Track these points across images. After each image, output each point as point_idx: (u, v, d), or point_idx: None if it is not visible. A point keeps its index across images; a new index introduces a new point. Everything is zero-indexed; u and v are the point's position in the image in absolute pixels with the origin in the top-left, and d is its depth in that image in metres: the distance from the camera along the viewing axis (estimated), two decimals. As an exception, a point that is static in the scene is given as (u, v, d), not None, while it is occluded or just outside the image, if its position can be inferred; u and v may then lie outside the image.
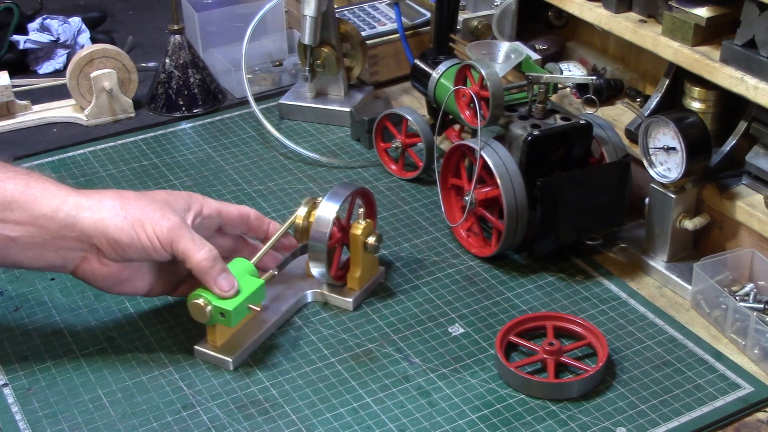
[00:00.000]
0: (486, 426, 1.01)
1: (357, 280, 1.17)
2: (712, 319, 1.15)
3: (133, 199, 1.05)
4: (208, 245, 1.06)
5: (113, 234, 1.03)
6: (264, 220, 1.17)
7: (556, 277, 1.22)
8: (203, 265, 1.05)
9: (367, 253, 1.16)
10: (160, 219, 1.04)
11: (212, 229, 1.13)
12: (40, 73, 1.74)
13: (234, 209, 1.15)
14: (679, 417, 1.02)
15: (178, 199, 1.10)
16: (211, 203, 1.13)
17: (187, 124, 1.57)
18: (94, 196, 1.04)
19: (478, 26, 1.54)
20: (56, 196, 1.03)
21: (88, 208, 1.03)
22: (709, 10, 1.20)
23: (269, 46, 1.71)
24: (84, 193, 1.05)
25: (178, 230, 1.04)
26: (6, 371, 1.08)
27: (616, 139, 1.25)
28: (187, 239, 1.05)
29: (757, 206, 1.18)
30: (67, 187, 1.05)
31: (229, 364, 1.08)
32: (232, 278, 1.06)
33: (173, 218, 1.05)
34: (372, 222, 1.17)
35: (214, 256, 1.05)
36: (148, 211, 1.04)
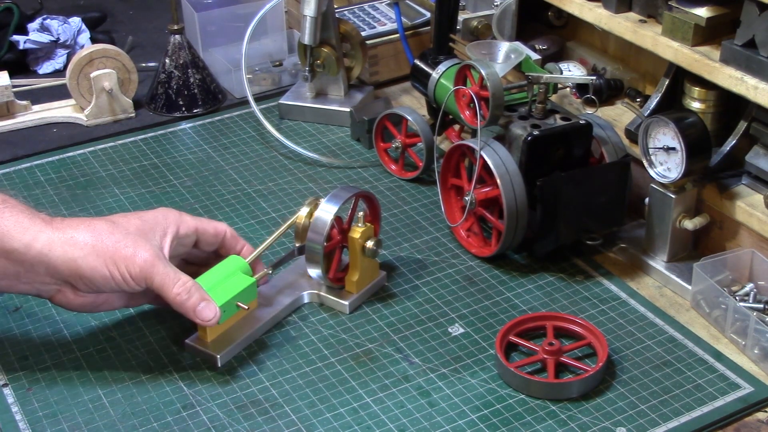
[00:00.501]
0: (486, 426, 1.01)
1: (355, 284, 1.16)
2: (712, 319, 1.15)
3: (106, 233, 1.04)
4: (183, 278, 1.05)
5: (86, 274, 1.03)
6: (239, 241, 1.15)
7: (556, 277, 1.22)
8: (179, 299, 1.05)
9: (365, 257, 1.15)
10: (133, 256, 1.03)
11: (189, 246, 1.13)
12: (40, 73, 1.74)
13: (210, 228, 1.13)
14: (679, 417, 1.02)
15: (154, 225, 1.08)
16: (187, 222, 1.11)
17: (187, 124, 1.57)
18: (67, 231, 1.03)
19: (478, 26, 1.54)
20: (29, 230, 1.02)
21: (60, 246, 1.02)
22: (709, 10, 1.20)
23: (269, 46, 1.71)
24: (57, 226, 1.03)
25: (152, 267, 1.04)
26: (6, 371, 1.08)
27: (616, 139, 1.25)
28: (161, 275, 1.04)
29: (757, 206, 1.18)
30: (40, 218, 1.04)
31: (217, 360, 1.08)
32: (212, 305, 1.06)
33: (146, 254, 1.04)
34: (372, 226, 1.16)
35: (188, 288, 1.05)
36: (121, 247, 1.03)
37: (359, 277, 1.16)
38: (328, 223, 1.12)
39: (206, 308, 1.05)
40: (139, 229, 1.06)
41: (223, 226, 1.15)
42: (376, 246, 1.15)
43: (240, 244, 1.15)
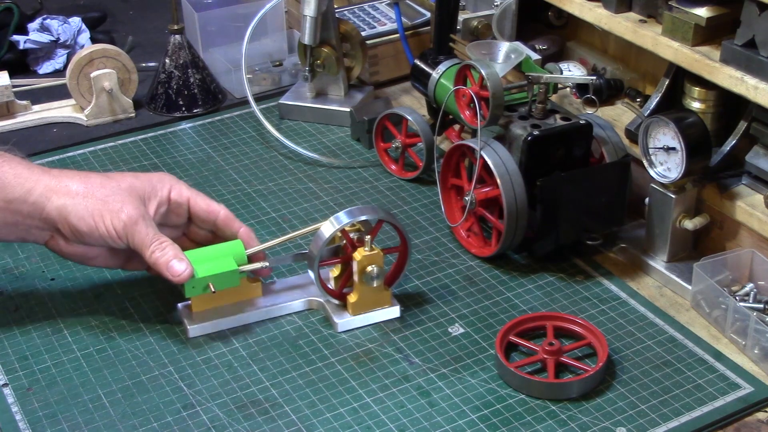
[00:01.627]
0: (486, 426, 1.01)
1: (352, 306, 1.14)
2: (712, 319, 1.15)
3: (98, 185, 1.09)
4: (161, 238, 1.09)
5: (73, 222, 1.08)
6: (234, 223, 1.16)
7: (556, 277, 1.22)
8: (154, 257, 1.08)
9: (363, 282, 1.12)
10: (119, 211, 1.08)
11: (182, 217, 1.15)
12: (40, 73, 1.74)
13: (203, 203, 1.15)
14: (679, 417, 1.02)
15: (146, 183, 1.12)
16: (181, 189, 1.14)
17: (187, 124, 1.57)
18: (63, 180, 1.09)
19: (478, 26, 1.54)
20: (28, 180, 1.08)
21: (56, 193, 1.08)
22: (709, 10, 1.20)
23: (269, 46, 1.71)
24: (54, 175, 1.09)
25: (134, 225, 1.08)
26: (6, 371, 1.08)
27: (616, 139, 1.25)
28: (141, 233, 1.08)
29: (757, 206, 1.18)
30: (37, 168, 1.10)
31: (188, 331, 1.12)
32: (184, 263, 1.08)
33: (132, 211, 1.08)
34: (380, 253, 1.11)
35: (163, 247, 1.08)
36: (110, 201, 1.08)
37: (357, 300, 1.13)
38: (326, 237, 1.10)
39: (177, 264, 1.08)
40: (131, 186, 1.11)
41: (218, 207, 1.16)
42: (375, 274, 1.11)
43: (236, 226, 1.16)
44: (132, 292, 1.20)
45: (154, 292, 1.19)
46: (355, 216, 1.11)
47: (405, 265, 1.16)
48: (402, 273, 1.16)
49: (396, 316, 1.15)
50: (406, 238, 1.14)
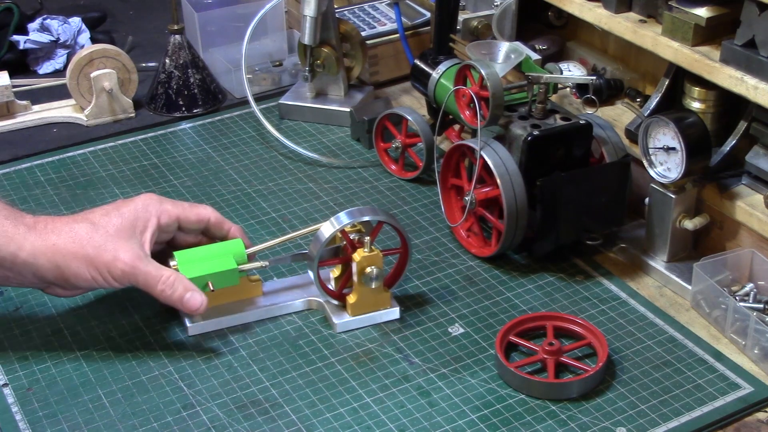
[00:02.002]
0: (486, 426, 1.01)
1: (351, 307, 1.13)
2: (712, 319, 1.15)
3: (86, 238, 1.07)
4: (165, 273, 1.09)
5: (70, 279, 1.08)
6: (224, 224, 1.17)
7: (556, 277, 1.22)
8: (165, 295, 1.09)
9: (362, 283, 1.12)
10: (114, 260, 1.07)
11: (172, 233, 1.15)
12: (40, 73, 1.74)
13: (192, 215, 1.15)
14: (679, 417, 1.02)
15: (134, 221, 1.11)
16: (169, 211, 1.13)
17: (187, 124, 1.57)
18: (49, 238, 1.07)
19: (478, 26, 1.54)
20: (13, 240, 1.06)
21: (43, 254, 1.06)
22: (709, 10, 1.20)
23: (269, 46, 1.71)
24: (40, 231, 1.07)
25: (133, 270, 1.08)
26: (6, 371, 1.08)
27: (616, 139, 1.25)
28: (143, 275, 1.08)
29: (757, 206, 1.18)
30: (23, 224, 1.07)
31: (188, 329, 1.13)
32: (197, 295, 1.09)
33: (126, 257, 1.07)
34: (380, 254, 1.11)
35: (171, 283, 1.08)
36: (101, 252, 1.07)
37: (357, 301, 1.13)
38: (326, 238, 1.10)
39: (192, 299, 1.09)
40: (119, 228, 1.10)
41: (207, 211, 1.16)
42: (374, 275, 1.11)
43: (226, 227, 1.16)
44: (132, 292, 1.19)
45: (154, 292, 1.19)
46: (355, 217, 1.11)
47: (405, 267, 1.16)
48: (402, 275, 1.16)
49: (395, 317, 1.15)
50: (407, 239, 1.14)
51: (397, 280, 1.16)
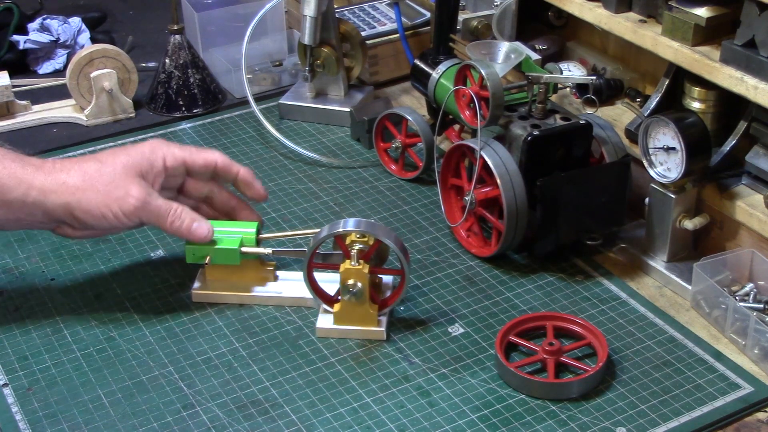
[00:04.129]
0: (486, 426, 1.01)
1: (335, 315, 1.12)
2: (712, 319, 1.15)
3: (95, 175, 1.09)
4: (173, 206, 1.11)
5: (80, 216, 1.09)
6: (232, 167, 1.18)
7: (556, 277, 1.22)
8: (174, 227, 1.11)
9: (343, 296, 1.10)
10: (125, 196, 1.09)
11: (180, 177, 1.17)
12: (40, 73, 1.74)
13: (199, 159, 1.17)
14: (679, 417, 1.02)
15: (141, 160, 1.12)
16: (175, 153, 1.15)
17: (187, 124, 1.57)
18: (58, 176, 1.09)
19: (478, 26, 1.54)
20: (22, 181, 1.08)
21: (53, 192, 1.08)
22: (709, 10, 1.20)
23: (269, 46, 1.71)
24: (48, 170, 1.09)
25: (144, 205, 1.10)
26: (6, 371, 1.08)
27: (616, 139, 1.25)
28: (154, 210, 1.10)
29: (757, 206, 1.18)
30: (30, 165, 1.09)
31: (192, 294, 1.17)
32: (203, 224, 1.13)
33: (137, 192, 1.09)
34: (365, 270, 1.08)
35: (179, 214, 1.11)
36: (112, 189, 1.09)
37: (339, 311, 1.12)
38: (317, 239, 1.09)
39: (199, 228, 1.12)
40: (126, 166, 1.11)
41: (214, 156, 1.18)
42: (352, 290, 1.09)
43: (234, 169, 1.18)
44: (132, 292, 1.20)
45: (154, 292, 1.19)
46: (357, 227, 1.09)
47: (401, 293, 1.12)
48: (396, 301, 1.13)
49: (381, 339, 1.12)
50: (405, 269, 1.10)
51: (389, 304, 1.13)
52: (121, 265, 1.24)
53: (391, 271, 1.14)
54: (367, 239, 1.10)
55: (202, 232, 1.12)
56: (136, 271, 1.23)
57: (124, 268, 1.24)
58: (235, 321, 1.15)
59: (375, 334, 1.12)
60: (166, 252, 1.26)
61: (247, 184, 1.19)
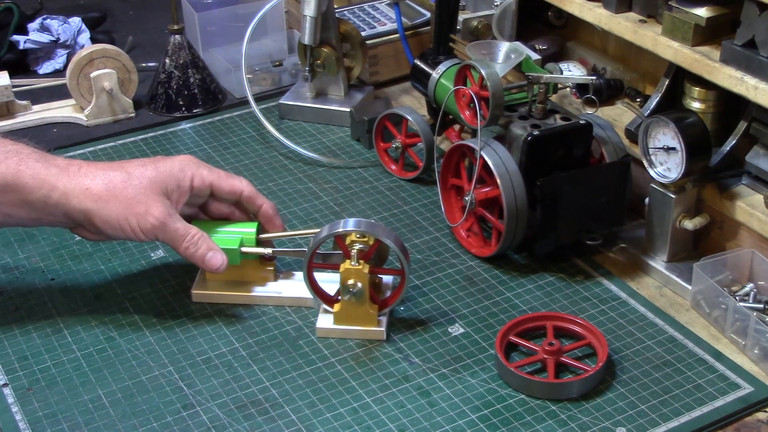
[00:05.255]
0: (486, 426, 1.01)
1: (335, 315, 1.12)
2: (712, 319, 1.15)
3: (120, 185, 1.09)
4: (191, 231, 1.11)
5: (98, 225, 1.09)
6: (257, 199, 1.18)
7: (556, 277, 1.22)
8: (188, 252, 1.11)
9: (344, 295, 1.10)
10: (145, 213, 1.09)
11: (204, 197, 1.17)
12: (40, 73, 1.74)
13: (226, 185, 1.16)
14: (679, 417, 1.02)
15: (167, 177, 1.12)
16: (204, 175, 1.15)
17: (187, 124, 1.57)
18: (81, 180, 1.09)
19: (478, 26, 1.54)
20: (45, 182, 1.08)
21: (76, 197, 1.08)
22: (709, 10, 1.20)
23: (269, 46, 1.71)
24: (72, 174, 1.09)
25: (162, 225, 1.10)
26: (6, 371, 1.08)
27: (616, 139, 1.25)
28: (171, 232, 1.10)
29: (757, 206, 1.18)
30: (54, 166, 1.09)
31: (192, 295, 1.17)
32: (218, 255, 1.13)
33: (158, 212, 1.09)
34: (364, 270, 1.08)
35: (196, 241, 1.11)
36: (134, 203, 1.09)
37: (339, 311, 1.12)
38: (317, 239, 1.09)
39: (213, 258, 1.12)
40: (152, 182, 1.11)
41: (242, 184, 1.17)
42: (352, 290, 1.09)
43: (258, 202, 1.18)
44: (132, 292, 1.20)
45: (154, 292, 1.20)
46: (357, 227, 1.09)
47: (401, 294, 1.12)
48: (396, 301, 1.13)
49: (381, 339, 1.12)
50: (405, 269, 1.10)
51: (389, 305, 1.13)
52: (121, 265, 1.24)
53: (391, 271, 1.15)
54: (367, 239, 1.10)
55: (215, 263, 1.12)
56: (136, 271, 1.23)
57: (124, 268, 1.24)
58: (235, 321, 1.15)
59: (375, 334, 1.12)
60: (166, 252, 1.26)
61: (268, 218, 1.18)
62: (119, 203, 1.08)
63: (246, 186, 1.17)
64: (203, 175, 1.14)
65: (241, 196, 1.17)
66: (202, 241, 1.11)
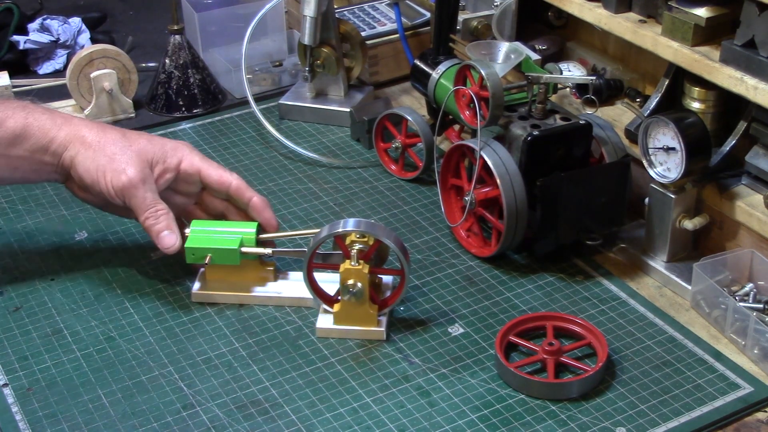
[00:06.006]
0: (486, 426, 1.01)
1: (334, 315, 1.12)
2: (712, 319, 1.15)
3: (110, 141, 1.13)
4: (158, 205, 1.12)
5: (80, 172, 1.13)
6: (246, 192, 1.18)
7: (556, 277, 1.22)
8: (147, 223, 1.12)
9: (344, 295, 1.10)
10: (121, 171, 1.11)
11: (195, 186, 1.18)
12: (40, 73, 1.74)
13: (215, 174, 1.17)
14: (679, 417, 1.02)
15: (157, 148, 1.15)
16: (193, 160, 1.16)
17: (187, 124, 1.57)
18: (81, 129, 1.14)
19: (478, 26, 1.54)
20: (50, 130, 1.13)
21: (72, 142, 1.13)
22: (708, 10, 1.20)
23: (269, 46, 1.71)
24: (75, 124, 1.14)
25: (132, 188, 1.11)
26: (6, 371, 1.08)
27: (616, 139, 1.25)
28: (139, 198, 1.11)
29: (757, 206, 1.18)
30: (60, 117, 1.15)
31: (192, 295, 1.17)
32: (174, 236, 1.12)
33: (134, 174, 1.11)
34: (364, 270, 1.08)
35: (158, 215, 1.12)
36: (116, 159, 1.12)
37: (339, 311, 1.12)
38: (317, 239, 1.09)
39: (168, 236, 1.12)
40: (142, 149, 1.14)
41: (230, 177, 1.18)
42: (352, 290, 1.09)
43: (247, 196, 1.18)
44: (132, 292, 1.20)
45: (154, 292, 1.20)
46: (357, 227, 1.09)
47: (401, 294, 1.12)
48: (396, 301, 1.13)
49: (381, 339, 1.12)
50: (405, 269, 1.10)
51: (389, 305, 1.13)
52: (121, 265, 1.24)
53: (391, 271, 1.15)
54: (367, 239, 1.10)
55: (167, 242, 1.12)
56: (136, 271, 1.23)
57: (124, 268, 1.24)
58: (235, 321, 1.15)
59: (375, 334, 1.12)
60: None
61: (258, 211, 1.18)
62: (103, 155, 1.12)
63: (235, 179, 1.18)
64: (193, 160, 1.16)
65: (229, 188, 1.17)
66: (164, 218, 1.12)
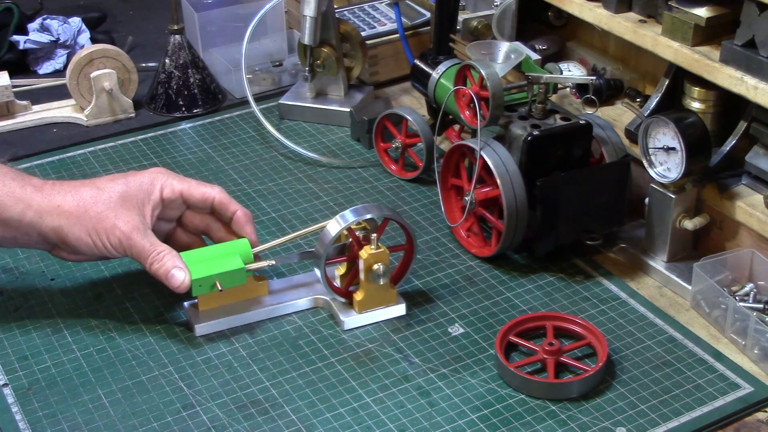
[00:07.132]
0: (486, 426, 1.01)
1: (358, 304, 1.14)
2: (712, 319, 1.15)
3: (90, 201, 1.10)
4: (158, 248, 1.10)
5: (71, 242, 1.10)
6: (230, 206, 1.16)
7: (556, 277, 1.22)
8: (153, 269, 1.09)
9: (369, 280, 1.12)
10: (113, 228, 1.09)
11: (179, 209, 1.16)
12: (40, 73, 1.74)
13: (197, 193, 1.16)
14: (679, 417, 1.02)
15: (138, 191, 1.12)
16: (173, 185, 1.14)
17: (187, 124, 1.57)
18: (53, 198, 1.09)
19: (478, 26, 1.54)
20: (21, 200, 1.09)
21: (48, 214, 1.09)
22: (709, 10, 1.20)
23: (269, 46, 1.71)
24: (46, 193, 1.10)
25: (129, 240, 1.09)
26: (6, 371, 1.08)
27: (616, 139, 1.25)
28: (138, 246, 1.09)
29: (757, 206, 1.18)
30: (29, 185, 1.10)
31: (195, 330, 1.13)
32: (181, 273, 1.09)
33: (125, 226, 1.09)
34: (386, 251, 1.11)
35: (162, 258, 1.09)
36: (102, 218, 1.09)
37: (364, 298, 1.13)
38: (332, 236, 1.10)
39: (174, 276, 1.09)
40: (122, 196, 1.11)
41: (212, 192, 1.16)
42: (382, 272, 1.11)
43: (231, 209, 1.16)
44: (132, 292, 1.20)
45: (154, 292, 1.19)
46: (361, 214, 1.11)
47: (411, 263, 1.16)
48: (408, 271, 1.17)
49: (402, 313, 1.15)
50: (412, 235, 1.14)
51: (403, 276, 1.17)
52: (121, 265, 1.24)
53: (403, 246, 1.16)
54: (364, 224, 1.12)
55: (177, 281, 1.09)
56: (136, 271, 1.23)
57: (124, 268, 1.24)
58: (235, 321, 1.15)
59: (397, 311, 1.14)
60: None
61: (240, 225, 1.16)
62: (89, 219, 1.09)
63: (218, 192, 1.16)
64: (173, 185, 1.14)
65: (213, 203, 1.16)
66: (167, 258, 1.09)
